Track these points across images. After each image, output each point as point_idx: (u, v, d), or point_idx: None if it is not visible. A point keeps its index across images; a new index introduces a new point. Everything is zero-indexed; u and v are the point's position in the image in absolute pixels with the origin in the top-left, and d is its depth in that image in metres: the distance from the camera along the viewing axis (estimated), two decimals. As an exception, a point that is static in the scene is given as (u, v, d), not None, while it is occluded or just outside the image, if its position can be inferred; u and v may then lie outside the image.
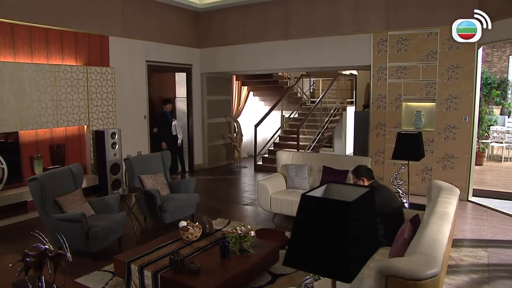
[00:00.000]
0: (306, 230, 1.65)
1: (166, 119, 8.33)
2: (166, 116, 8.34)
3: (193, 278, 3.24)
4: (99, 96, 6.69)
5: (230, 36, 8.89)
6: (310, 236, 1.64)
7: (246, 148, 11.51)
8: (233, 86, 10.71)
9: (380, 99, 7.20)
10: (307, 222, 1.65)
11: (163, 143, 8.10)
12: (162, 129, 8.30)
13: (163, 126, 8.28)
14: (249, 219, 5.89)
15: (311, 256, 1.63)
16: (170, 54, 8.46)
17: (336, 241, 1.57)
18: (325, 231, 1.60)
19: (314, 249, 1.62)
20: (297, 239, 1.67)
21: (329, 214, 1.59)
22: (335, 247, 1.57)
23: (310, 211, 1.65)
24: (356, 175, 3.86)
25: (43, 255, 2.46)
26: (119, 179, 6.74)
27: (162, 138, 8.20)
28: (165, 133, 8.28)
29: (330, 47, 7.66)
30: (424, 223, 2.90)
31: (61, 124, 6.17)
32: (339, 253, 1.56)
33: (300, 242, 1.66)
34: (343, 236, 1.55)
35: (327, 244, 1.59)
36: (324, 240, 1.60)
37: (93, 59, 6.79)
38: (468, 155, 6.50)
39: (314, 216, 1.63)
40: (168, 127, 8.32)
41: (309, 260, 1.64)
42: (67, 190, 4.60)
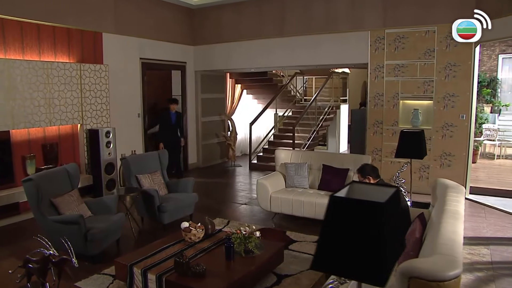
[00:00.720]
0: (336, 232, 1.58)
1: (169, 120, 7.76)
2: (169, 116, 7.78)
3: (198, 281, 3.15)
4: (92, 94, 6.53)
5: (224, 33, 8.78)
6: (340, 238, 1.57)
7: (239, 147, 11.42)
8: (227, 84, 10.61)
9: (378, 97, 7.18)
10: (336, 224, 1.58)
11: (160, 144, 7.66)
12: (162, 129, 7.82)
13: (164, 126, 7.79)
14: (248, 218, 5.81)
15: (341, 259, 1.56)
16: (164, 52, 8.31)
17: (369, 244, 1.50)
18: (356, 233, 1.53)
19: (345, 252, 1.55)
20: (325, 241, 1.60)
21: (361, 215, 1.52)
22: (368, 249, 1.50)
23: (340, 212, 1.58)
24: (361, 174, 3.81)
25: (47, 261, 2.34)
26: (113, 179, 6.59)
27: (161, 138, 7.76)
28: (165, 133, 7.81)
29: (327, 45, 7.62)
30: (436, 222, 2.86)
31: (54, 123, 6.00)
32: (373, 256, 1.49)
33: (329, 245, 1.59)
34: (377, 238, 1.49)
35: (359, 247, 1.52)
36: (355, 242, 1.53)
37: (87, 56, 6.62)
38: (466, 153, 6.52)
39: (344, 217, 1.56)
40: (169, 128, 7.77)
41: (339, 263, 1.57)
42: (63, 191, 4.46)
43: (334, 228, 1.58)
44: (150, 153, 5.82)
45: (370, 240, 1.49)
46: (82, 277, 3.79)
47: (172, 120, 7.80)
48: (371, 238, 1.49)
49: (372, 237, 1.49)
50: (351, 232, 1.54)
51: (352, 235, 1.54)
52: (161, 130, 7.83)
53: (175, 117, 7.85)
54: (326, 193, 5.36)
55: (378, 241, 1.49)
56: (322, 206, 5.08)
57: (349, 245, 1.54)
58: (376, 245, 1.49)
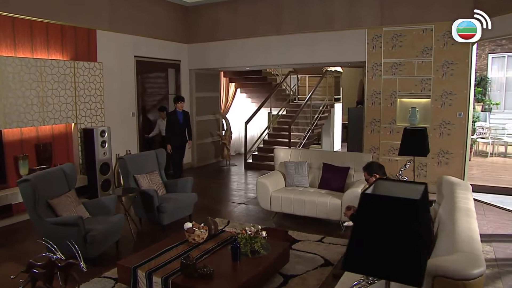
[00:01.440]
0: (369, 231, 1.52)
1: (176, 119, 7.08)
2: (176, 115, 7.09)
3: (206, 282, 3.06)
4: (87, 93, 6.37)
5: (219, 32, 8.69)
6: (374, 237, 1.50)
7: (233, 146, 11.33)
8: (221, 82, 10.51)
9: (375, 95, 7.16)
10: (369, 223, 1.52)
11: (168, 145, 7.03)
12: (170, 130, 7.12)
13: (171, 127, 7.12)
14: (247, 218, 5.73)
15: (375, 259, 1.50)
16: (159, 50, 8.18)
17: (405, 241, 1.44)
18: (391, 231, 1.47)
19: (379, 251, 1.49)
20: (357, 241, 1.53)
21: (396, 212, 1.46)
22: (405, 248, 1.44)
23: (373, 210, 1.51)
24: (368, 172, 3.77)
25: (53, 266, 2.23)
26: (109, 179, 6.45)
27: (168, 140, 7.13)
28: (173, 135, 7.11)
29: (324, 43, 7.58)
30: (448, 220, 2.82)
31: (48, 122, 5.84)
32: (409, 255, 1.43)
33: (361, 245, 1.52)
34: (413, 236, 1.43)
35: (395, 245, 1.46)
36: (390, 241, 1.47)
37: (80, 53, 6.46)
38: (463, 151, 6.55)
39: (378, 216, 1.50)
40: (177, 128, 7.09)
41: (373, 263, 1.50)
42: (60, 192, 4.32)
43: (367, 227, 1.52)
44: (147, 153, 5.69)
45: (406, 237, 1.44)
46: (82, 280, 3.65)
47: (180, 119, 7.17)
48: (407, 236, 1.44)
49: (409, 235, 1.43)
50: (385, 230, 1.48)
51: (386, 233, 1.48)
52: (168, 130, 7.15)
53: (183, 116, 7.24)
54: (327, 192, 5.32)
55: (414, 238, 1.43)
56: (324, 205, 5.04)
57: (384, 244, 1.48)
58: (413, 243, 1.43)
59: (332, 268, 3.91)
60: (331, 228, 5.12)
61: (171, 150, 7.03)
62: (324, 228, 5.11)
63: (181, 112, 7.17)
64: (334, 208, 4.99)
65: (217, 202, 6.64)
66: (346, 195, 4.92)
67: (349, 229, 5.14)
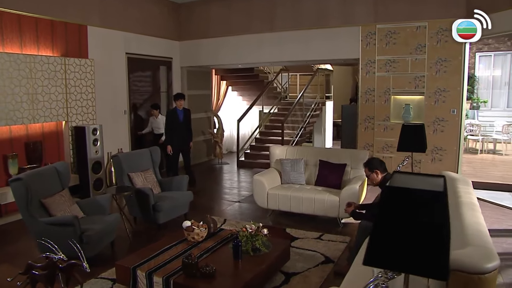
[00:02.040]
0: (392, 225, 1.48)
1: (176, 118, 6.61)
2: (176, 114, 6.62)
3: (208, 282, 3.00)
4: (78, 90, 6.23)
5: (212, 28, 8.60)
6: (398, 231, 1.46)
7: (225, 145, 11.25)
8: (213, 80, 10.42)
9: (369, 93, 7.18)
10: (392, 216, 1.48)
11: (168, 146, 6.60)
12: (169, 129, 6.65)
13: (171, 126, 6.63)
14: (243, 216, 5.67)
15: (399, 253, 1.46)
16: (150, 47, 8.06)
17: (430, 235, 1.40)
18: (416, 224, 1.43)
19: (403, 245, 1.45)
20: (380, 235, 1.49)
21: (421, 205, 1.43)
22: (430, 241, 1.40)
23: (396, 203, 1.47)
24: (369, 168, 3.75)
25: (55, 267, 2.14)
26: (101, 178, 6.32)
27: (169, 140, 6.64)
28: (173, 135, 6.63)
29: (318, 40, 7.55)
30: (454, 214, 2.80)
31: (38, 120, 5.69)
32: (435, 248, 1.40)
33: (385, 238, 1.48)
34: (439, 229, 1.39)
35: (420, 239, 1.42)
36: (415, 234, 1.43)
37: (71, 49, 6.31)
38: (456, 147, 6.60)
39: (402, 209, 1.46)
40: (177, 127, 6.61)
41: (397, 257, 1.46)
42: (53, 191, 4.20)
43: (390, 220, 1.48)
44: (141, 151, 5.59)
45: (432, 230, 1.40)
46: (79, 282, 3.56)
47: (180, 118, 6.66)
48: (433, 229, 1.40)
49: (434, 228, 1.40)
50: (410, 223, 1.44)
51: (411, 226, 1.44)
52: (168, 130, 6.66)
53: (183, 115, 6.72)
54: (324, 189, 5.30)
55: (440, 231, 1.40)
56: (322, 202, 5.01)
57: (408, 237, 1.44)
58: (439, 236, 1.40)
59: (333, 265, 3.88)
60: (328, 225, 5.09)
61: (171, 152, 6.61)
62: (322, 225, 5.09)
63: (181, 110, 6.69)
64: (332, 205, 4.97)
65: (212, 200, 6.57)
66: (344, 192, 4.90)
67: (347, 226, 5.13)
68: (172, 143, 6.61)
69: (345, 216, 4.97)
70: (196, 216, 5.60)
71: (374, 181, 3.75)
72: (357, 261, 3.06)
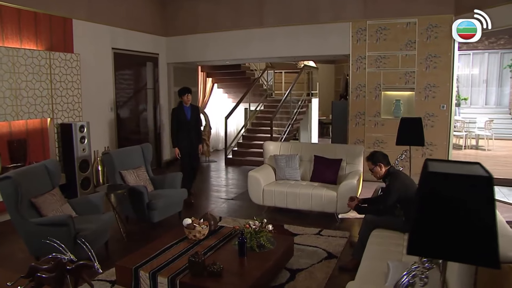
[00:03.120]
0: (436, 212, 1.42)
1: (182, 116, 5.84)
2: (182, 111, 5.86)
3: (216, 281, 2.89)
4: (63, 86, 5.98)
5: (200, 24, 8.44)
6: (443, 218, 1.40)
7: (210, 142, 11.11)
8: (199, 77, 10.26)
9: (360, 88, 7.19)
10: (436, 203, 1.42)
11: (176, 149, 5.88)
12: (175, 130, 5.87)
13: (177, 125, 5.86)
14: (238, 214, 5.57)
15: (444, 241, 1.40)
16: (137, 42, 7.84)
17: (480, 222, 1.36)
18: (464, 211, 1.38)
19: (450, 233, 1.39)
20: (423, 223, 1.43)
21: (470, 191, 1.37)
22: (480, 228, 1.35)
23: (440, 189, 1.41)
24: (372, 161, 3.72)
25: (64, 268, 1.99)
26: (89, 177, 6.09)
27: (176, 142, 5.86)
28: (179, 134, 5.84)
29: (307, 36, 7.51)
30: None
31: (22, 117, 5.42)
32: (485, 235, 1.35)
33: (429, 226, 1.42)
34: (489, 215, 1.35)
35: (468, 226, 1.37)
36: (463, 221, 1.37)
37: (56, 43, 6.05)
38: (446, 142, 6.69)
39: (446, 195, 1.40)
40: (185, 127, 5.84)
41: (443, 246, 1.41)
42: (43, 190, 3.99)
43: (434, 208, 1.42)
44: (132, 148, 5.40)
45: (481, 216, 1.35)
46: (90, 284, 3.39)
47: (188, 116, 5.88)
48: (482, 215, 1.35)
49: (483, 213, 1.35)
50: (457, 210, 1.39)
51: (458, 213, 1.38)
52: (174, 130, 5.92)
53: (191, 112, 5.94)
54: (320, 184, 5.26)
55: (490, 217, 1.35)
56: (319, 198, 4.97)
57: (455, 225, 1.39)
58: (488, 222, 1.35)
59: (336, 260, 3.84)
60: (326, 221, 5.06)
61: (179, 155, 5.89)
62: (319, 221, 5.05)
63: (188, 107, 5.91)
64: (330, 201, 4.93)
65: (205, 198, 6.44)
66: (342, 187, 4.87)
67: (345, 221, 5.11)
68: (179, 145, 5.86)
69: (343, 211, 4.96)
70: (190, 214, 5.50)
71: (378, 174, 3.73)
72: (368, 255, 3.02)
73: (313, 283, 3.36)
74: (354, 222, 5.09)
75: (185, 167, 5.91)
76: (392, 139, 6.81)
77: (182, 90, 5.95)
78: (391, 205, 3.54)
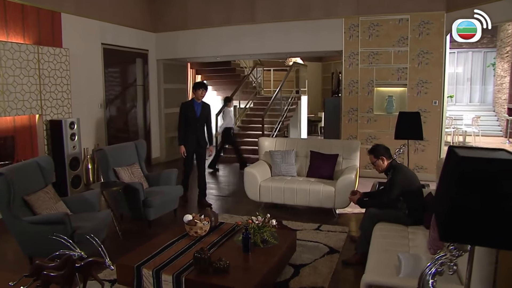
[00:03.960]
0: (470, 197, 1.38)
1: (191, 112, 5.41)
2: (192, 107, 5.43)
3: (223, 277, 2.81)
4: (52, 81, 5.79)
5: (190, 20, 8.32)
6: (476, 203, 1.37)
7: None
8: (188, 74, 10.14)
9: (352, 85, 7.20)
10: (469, 188, 1.39)
11: (181, 147, 5.46)
12: (182, 127, 5.47)
13: (185, 122, 5.44)
14: (234, 210, 5.50)
15: (478, 227, 1.38)
16: (126, 38, 7.68)
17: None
18: (499, 195, 1.35)
19: (484, 218, 1.36)
20: (456, 208, 1.40)
21: (502, 175, 1.35)
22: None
23: (475, 174, 1.38)
24: (374, 155, 3.70)
25: (73, 265, 1.89)
26: (79, 175, 5.93)
27: (182, 140, 5.47)
28: (187, 133, 5.45)
29: (300, 32, 7.49)
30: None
31: (9, 113, 5.23)
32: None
33: (461, 212, 1.39)
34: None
35: (503, 211, 1.34)
36: (497, 206, 1.35)
37: (44, 37, 5.86)
38: (438, 138, 6.76)
39: (480, 180, 1.37)
40: (193, 125, 5.42)
41: (476, 231, 1.38)
42: (36, 188, 3.84)
43: (467, 193, 1.39)
44: (126, 144, 5.27)
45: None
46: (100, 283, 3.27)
47: (197, 112, 5.44)
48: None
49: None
50: (491, 194, 1.36)
51: (493, 197, 1.35)
52: (180, 127, 5.49)
53: (201, 109, 5.48)
54: (317, 180, 5.23)
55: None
56: (317, 193, 4.94)
57: (490, 210, 1.36)
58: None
59: (339, 255, 3.81)
60: (323, 217, 5.04)
61: (185, 154, 5.49)
62: (317, 217, 5.02)
63: (199, 103, 5.47)
64: (328, 196, 4.91)
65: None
66: (340, 182, 4.85)
67: (342, 216, 5.10)
68: (185, 143, 5.48)
69: (341, 206, 4.94)
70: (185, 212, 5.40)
71: (380, 168, 3.71)
72: (374, 248, 2.99)
73: (318, 278, 3.33)
74: (352, 217, 5.09)
75: (187, 167, 5.63)
76: (385, 135, 6.90)
77: (197, 84, 5.57)
78: (395, 198, 3.53)
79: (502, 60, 12.91)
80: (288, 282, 3.28)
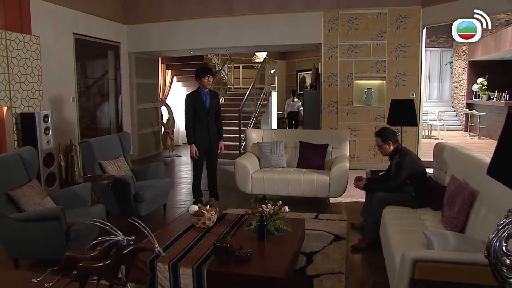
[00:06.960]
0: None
1: (200, 104, 4.70)
2: (200, 97, 4.71)
3: (246, 266, 2.67)
4: (22, 71, 5.32)
5: (164, 11, 8.02)
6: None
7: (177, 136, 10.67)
8: (159, 69, 9.79)
9: (332, 77, 7.26)
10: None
11: (192, 147, 4.74)
12: (190, 120, 4.73)
13: (192, 114, 4.72)
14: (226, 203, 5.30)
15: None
16: (98, 29, 7.26)
17: None
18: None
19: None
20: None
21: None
22: None
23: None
24: (382, 138, 3.70)
25: (121, 252, 1.66)
26: (54, 172, 5.50)
27: (192, 138, 4.74)
28: (197, 127, 4.76)
29: (279, 25, 7.44)
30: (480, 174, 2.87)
31: (-25, 104, 4.74)
32: None
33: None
34: None
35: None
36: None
37: (11, 23, 5.37)
38: (416, 129, 6.96)
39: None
40: (202, 118, 4.73)
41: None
42: (19, 182, 3.48)
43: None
44: (110, 137, 4.98)
45: None
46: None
47: (206, 103, 4.73)
48: None
49: None
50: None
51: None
52: (189, 122, 4.74)
53: (210, 99, 4.78)
54: (309, 170, 5.19)
55: None
56: (311, 183, 4.91)
57: None
58: None
59: (345, 241, 3.78)
60: (317, 206, 5.01)
61: (197, 153, 4.77)
62: (311, 207, 4.98)
63: (207, 92, 4.76)
64: (322, 185, 4.88)
65: (185, 192, 6.09)
66: (334, 171, 4.84)
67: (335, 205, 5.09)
68: (196, 141, 4.77)
69: (336, 195, 4.94)
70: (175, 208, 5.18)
71: (385, 151, 3.73)
72: (393, 229, 2.97)
73: (333, 264, 3.27)
74: (346, 206, 5.10)
75: (198, 169, 4.95)
76: (364, 127, 7.01)
77: (201, 70, 4.73)
78: (402, 181, 3.56)
79: (459, 58, 13.64)
80: (305, 269, 3.19)
